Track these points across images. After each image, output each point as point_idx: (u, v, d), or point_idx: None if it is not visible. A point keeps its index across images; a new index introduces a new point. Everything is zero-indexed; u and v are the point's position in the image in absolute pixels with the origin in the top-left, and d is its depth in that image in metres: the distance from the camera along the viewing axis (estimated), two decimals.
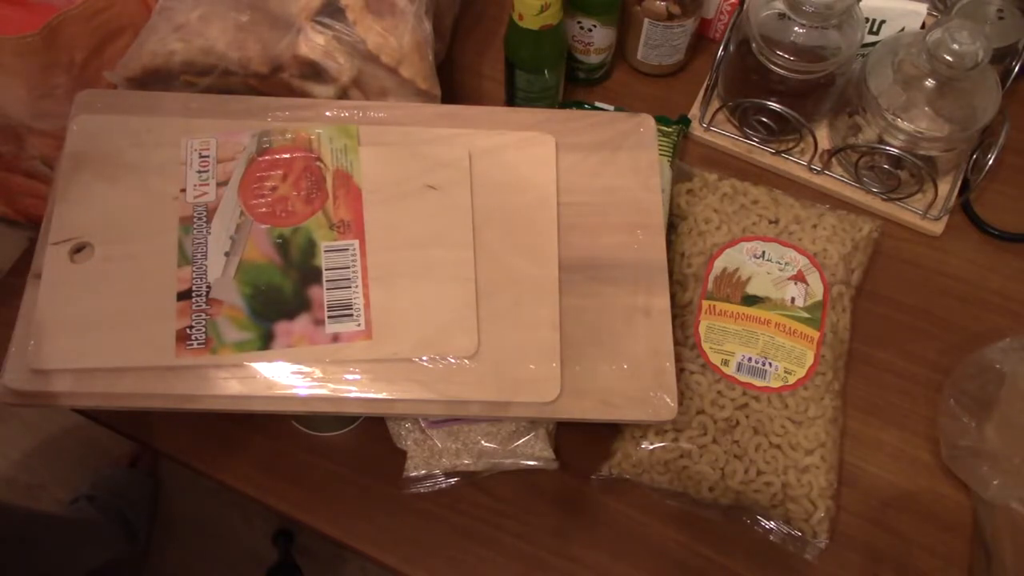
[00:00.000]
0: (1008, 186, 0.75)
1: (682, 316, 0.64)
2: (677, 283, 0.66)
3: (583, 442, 0.64)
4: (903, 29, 0.70)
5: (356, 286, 0.57)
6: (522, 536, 0.62)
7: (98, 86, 0.63)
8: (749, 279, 0.65)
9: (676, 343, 0.59)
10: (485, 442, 0.61)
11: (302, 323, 0.55)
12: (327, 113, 0.62)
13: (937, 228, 0.72)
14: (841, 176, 0.74)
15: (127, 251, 0.57)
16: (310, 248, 0.57)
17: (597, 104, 0.76)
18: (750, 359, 0.62)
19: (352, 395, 0.54)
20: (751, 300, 0.64)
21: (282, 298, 0.56)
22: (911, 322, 0.69)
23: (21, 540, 0.96)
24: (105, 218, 0.57)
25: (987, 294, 0.70)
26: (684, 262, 0.66)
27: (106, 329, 0.55)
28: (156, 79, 0.65)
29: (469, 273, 0.57)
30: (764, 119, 0.72)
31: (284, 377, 0.54)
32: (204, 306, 0.55)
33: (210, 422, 0.64)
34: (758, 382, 0.61)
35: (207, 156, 0.59)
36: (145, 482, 1.33)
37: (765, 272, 0.65)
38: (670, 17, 0.73)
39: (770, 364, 0.62)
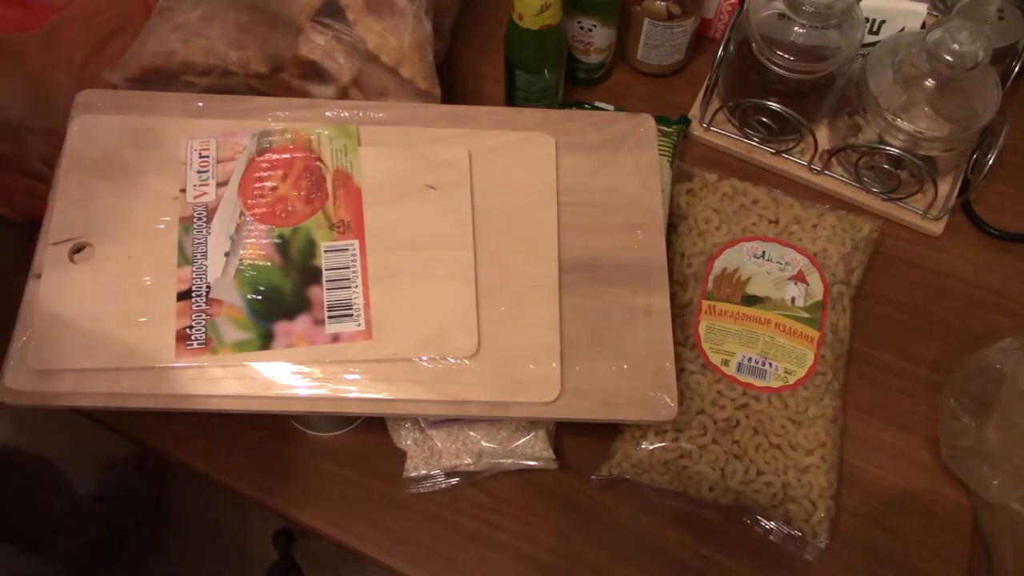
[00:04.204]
0: (1008, 186, 0.75)
1: (682, 316, 0.64)
2: (677, 283, 0.66)
3: (583, 442, 0.64)
4: (903, 29, 0.70)
5: (356, 286, 0.57)
6: (522, 536, 0.62)
7: (98, 86, 0.63)
8: (749, 279, 0.65)
9: (676, 343, 0.59)
10: (485, 442, 0.61)
11: (302, 323, 0.55)
12: (327, 113, 0.62)
13: (937, 228, 0.72)
14: (841, 176, 0.74)
15: (127, 251, 0.57)
16: (310, 248, 0.57)
17: (597, 104, 0.76)
18: (750, 359, 0.62)
19: (352, 395, 0.54)
20: (751, 300, 0.64)
21: (282, 298, 0.56)
22: (911, 322, 0.69)
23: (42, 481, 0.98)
24: (105, 218, 0.57)
25: (987, 294, 0.70)
26: (684, 262, 0.66)
27: (106, 329, 0.55)
28: (156, 79, 0.65)
29: (469, 273, 0.57)
30: (764, 119, 0.72)
31: (284, 377, 0.54)
32: (204, 306, 0.55)
33: (210, 422, 0.64)
34: (758, 382, 0.61)
35: (207, 156, 0.59)
36: (152, 484, 1.33)
37: (765, 272, 0.65)
38: (670, 17, 0.73)
39: (770, 364, 0.62)
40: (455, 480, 0.62)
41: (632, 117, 0.64)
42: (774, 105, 0.69)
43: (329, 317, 0.56)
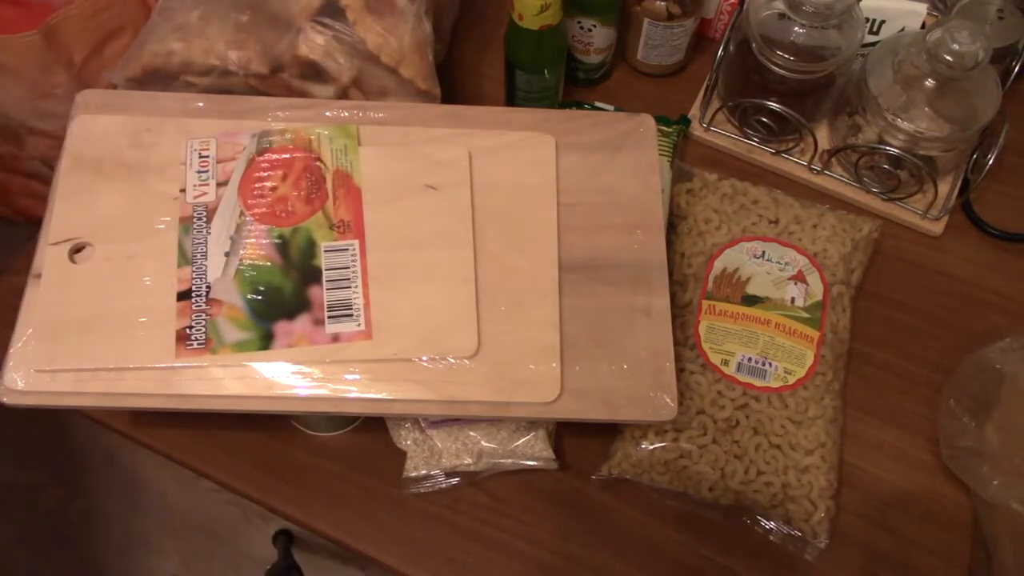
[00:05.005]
0: (1008, 186, 0.75)
1: (682, 316, 0.64)
2: (677, 283, 0.66)
3: (583, 442, 0.64)
4: (903, 29, 0.70)
5: (356, 286, 0.57)
6: (522, 536, 0.62)
7: (98, 86, 0.63)
8: (749, 279, 0.65)
9: (676, 343, 0.59)
10: (485, 442, 0.61)
11: (302, 323, 0.55)
12: (327, 113, 0.62)
13: (937, 228, 0.72)
14: (841, 176, 0.74)
15: (127, 251, 0.57)
16: (310, 248, 0.57)
17: (597, 104, 0.76)
18: (750, 359, 0.62)
19: (352, 395, 0.54)
20: (751, 300, 0.64)
21: (282, 298, 0.56)
22: (911, 322, 0.69)
23: None
24: (105, 218, 0.57)
25: (987, 294, 0.70)
26: (684, 262, 0.66)
27: (106, 329, 0.55)
28: (156, 79, 0.65)
29: (469, 273, 0.57)
30: (764, 119, 0.72)
31: (284, 377, 0.54)
32: (204, 306, 0.55)
33: (210, 422, 0.64)
34: (758, 382, 0.61)
35: (207, 156, 0.59)
36: None
37: (765, 272, 0.65)
38: (670, 17, 0.73)
39: (770, 364, 0.62)
40: (455, 480, 0.62)
41: (632, 117, 0.64)
42: (774, 105, 0.69)
43: (329, 317, 0.56)
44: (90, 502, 1.36)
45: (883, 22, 0.70)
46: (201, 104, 0.61)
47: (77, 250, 0.56)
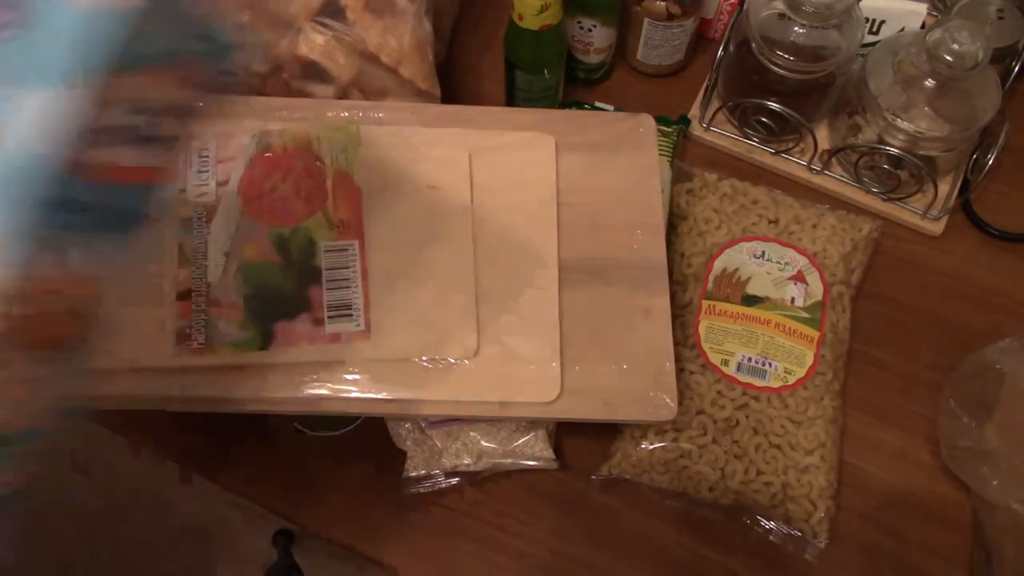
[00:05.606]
0: (1008, 186, 0.74)
1: (682, 316, 0.64)
2: (677, 283, 0.66)
3: (583, 442, 0.64)
4: (903, 29, 0.70)
5: (356, 286, 0.57)
6: (522, 536, 0.62)
7: None
8: (749, 279, 0.65)
9: (676, 343, 0.59)
10: (485, 442, 0.61)
11: (302, 323, 0.55)
12: (327, 113, 0.62)
13: (937, 228, 0.72)
14: (841, 176, 0.74)
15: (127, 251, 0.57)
16: (310, 248, 0.57)
17: (597, 104, 0.76)
18: (750, 359, 0.62)
19: (352, 395, 0.54)
20: (751, 300, 0.64)
21: (282, 298, 0.56)
22: (911, 322, 0.69)
23: None
24: None
25: (987, 294, 0.70)
26: (684, 262, 0.66)
27: (105, 329, 0.55)
28: None
29: (469, 273, 0.57)
30: (764, 119, 0.72)
31: (284, 377, 0.54)
32: (204, 306, 0.55)
33: (210, 422, 0.64)
34: (758, 382, 0.61)
35: (207, 156, 0.59)
36: None
37: (765, 272, 0.65)
38: (670, 17, 0.73)
39: (770, 364, 0.62)
40: (455, 480, 0.62)
41: (632, 117, 0.64)
42: (774, 105, 0.69)
43: (329, 317, 0.56)
44: (90, 503, 1.36)
45: (883, 22, 0.70)
46: (201, 104, 0.61)
47: None
